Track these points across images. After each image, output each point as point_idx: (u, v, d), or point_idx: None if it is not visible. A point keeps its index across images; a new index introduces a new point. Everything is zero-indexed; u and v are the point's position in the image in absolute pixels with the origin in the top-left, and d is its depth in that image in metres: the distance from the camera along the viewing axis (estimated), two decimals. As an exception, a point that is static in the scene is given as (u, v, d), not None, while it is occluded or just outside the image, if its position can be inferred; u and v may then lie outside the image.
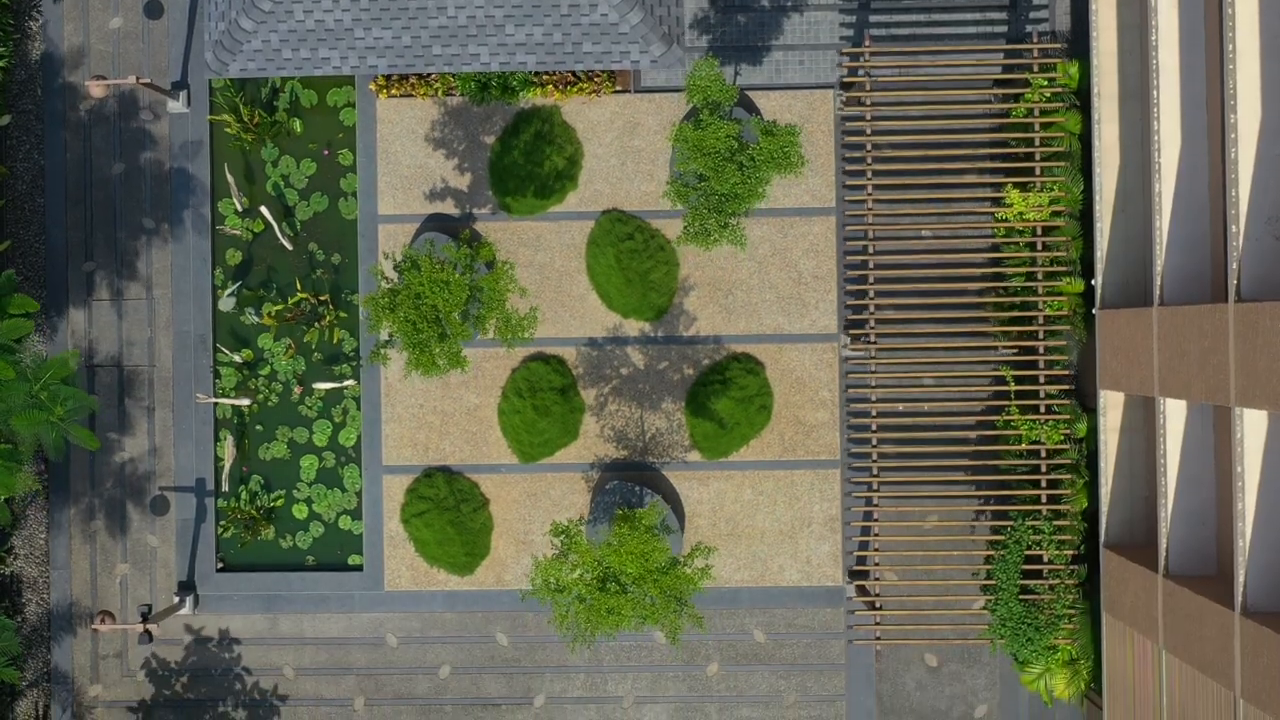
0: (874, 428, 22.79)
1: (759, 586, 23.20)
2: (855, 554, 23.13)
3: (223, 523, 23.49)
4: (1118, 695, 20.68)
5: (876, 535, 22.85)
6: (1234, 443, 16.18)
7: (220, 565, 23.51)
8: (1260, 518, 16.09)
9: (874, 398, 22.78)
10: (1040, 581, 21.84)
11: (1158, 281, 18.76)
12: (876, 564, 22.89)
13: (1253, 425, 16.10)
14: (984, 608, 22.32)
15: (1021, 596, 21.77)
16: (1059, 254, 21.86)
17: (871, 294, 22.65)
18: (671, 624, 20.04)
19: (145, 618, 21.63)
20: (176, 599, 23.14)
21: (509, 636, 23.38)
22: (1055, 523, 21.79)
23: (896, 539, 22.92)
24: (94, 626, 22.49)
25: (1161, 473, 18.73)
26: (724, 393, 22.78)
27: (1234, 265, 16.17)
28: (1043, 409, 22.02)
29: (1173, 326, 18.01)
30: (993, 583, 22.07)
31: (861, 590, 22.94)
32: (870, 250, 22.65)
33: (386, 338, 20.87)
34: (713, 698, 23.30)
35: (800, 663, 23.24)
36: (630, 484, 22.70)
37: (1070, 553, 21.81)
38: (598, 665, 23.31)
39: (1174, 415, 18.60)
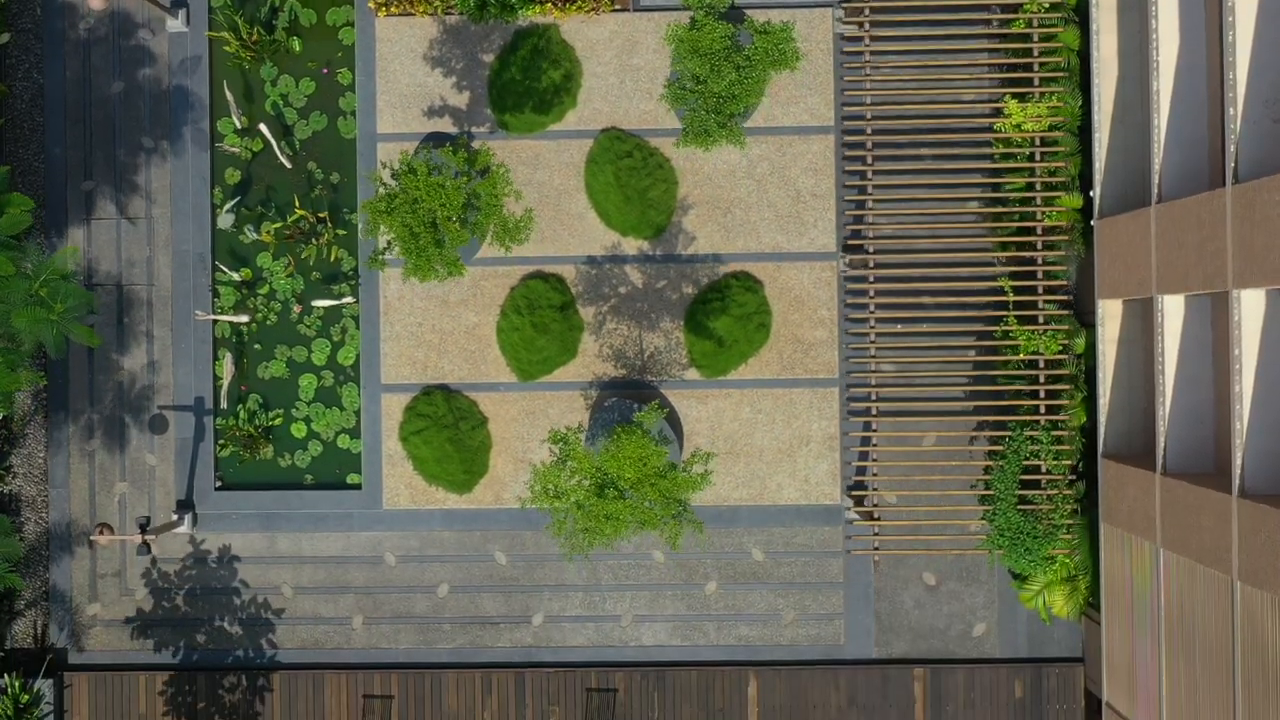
0: (872, 351, 22.78)
1: (757, 505, 23.19)
2: (854, 477, 23.11)
3: (221, 441, 23.49)
4: (1116, 605, 20.67)
5: (874, 459, 22.84)
6: (1231, 326, 16.17)
7: (219, 484, 23.51)
8: (1258, 401, 16.08)
9: (872, 321, 22.76)
10: (1038, 492, 21.84)
11: (1156, 180, 18.75)
12: (875, 489, 22.88)
13: (1250, 308, 16.09)
14: (982, 518, 22.32)
15: (1020, 507, 21.76)
16: (1057, 165, 21.85)
17: (869, 204, 22.66)
18: (670, 529, 20.04)
19: (143, 529, 21.63)
20: (175, 517, 23.15)
21: (507, 555, 23.38)
22: (1053, 433, 21.79)
23: (894, 464, 22.90)
24: (92, 538, 22.49)
25: (1160, 372, 18.72)
26: (722, 310, 22.78)
27: (1231, 149, 16.16)
28: (1041, 320, 22.02)
29: (1170, 221, 18.00)
30: (991, 493, 22.06)
31: (860, 506, 22.93)
32: (869, 161, 22.65)
33: (384, 245, 20.87)
34: (711, 616, 23.30)
35: (798, 581, 23.23)
36: (629, 402, 22.70)
37: (1068, 463, 21.82)
38: (596, 584, 23.30)
39: (1172, 314, 18.59)
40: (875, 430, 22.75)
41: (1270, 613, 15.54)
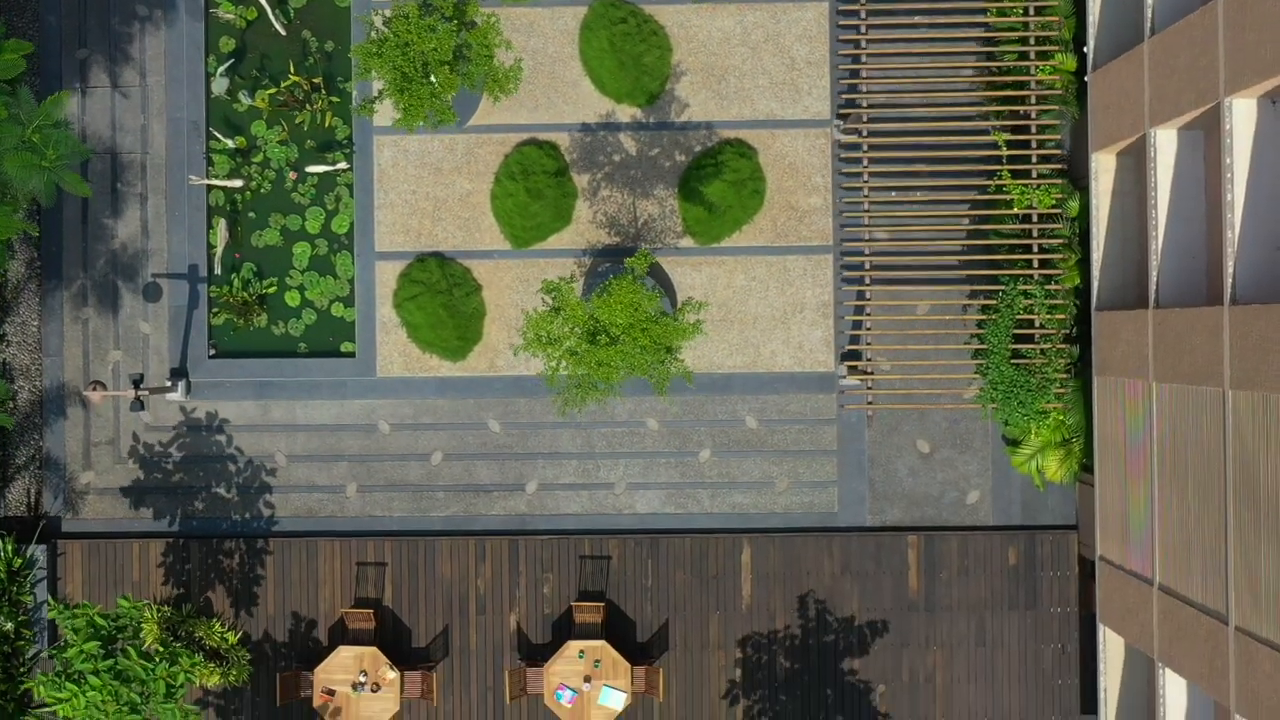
0: (866, 221, 22.76)
1: (751, 372, 23.18)
2: (848, 344, 23.09)
3: (215, 309, 23.48)
4: (1109, 457, 20.65)
5: (869, 326, 22.83)
6: (1223, 136, 16.16)
7: (212, 352, 23.50)
8: (1249, 210, 16.07)
9: (866, 191, 22.75)
10: (1032, 346, 21.83)
11: (1149, 16, 18.73)
12: (869, 356, 22.87)
13: (1241, 116, 16.08)
14: (976, 373, 22.30)
15: (1013, 361, 21.74)
16: (1051, 19, 21.84)
17: (863, 72, 22.65)
18: (660, 375, 20.05)
19: (137, 385, 21.61)
20: (169, 384, 23.14)
21: (501, 423, 23.36)
22: (1047, 288, 21.77)
23: (889, 331, 22.88)
24: (84, 393, 22.49)
25: (1152, 207, 18.71)
26: (716, 176, 22.77)
27: (1223, -41, 16.15)
28: (1034, 175, 22.01)
29: (1163, 49, 17.99)
30: (985, 347, 22.04)
31: (854, 371, 22.91)
32: (863, 31, 22.64)
33: (376, 94, 20.84)
34: (704, 484, 23.28)
35: (792, 449, 23.22)
36: (622, 269, 22.68)
37: (1061, 317, 21.80)
38: (590, 452, 23.29)
39: (1164, 149, 18.58)
40: (870, 298, 22.73)
41: (1261, 416, 15.52)
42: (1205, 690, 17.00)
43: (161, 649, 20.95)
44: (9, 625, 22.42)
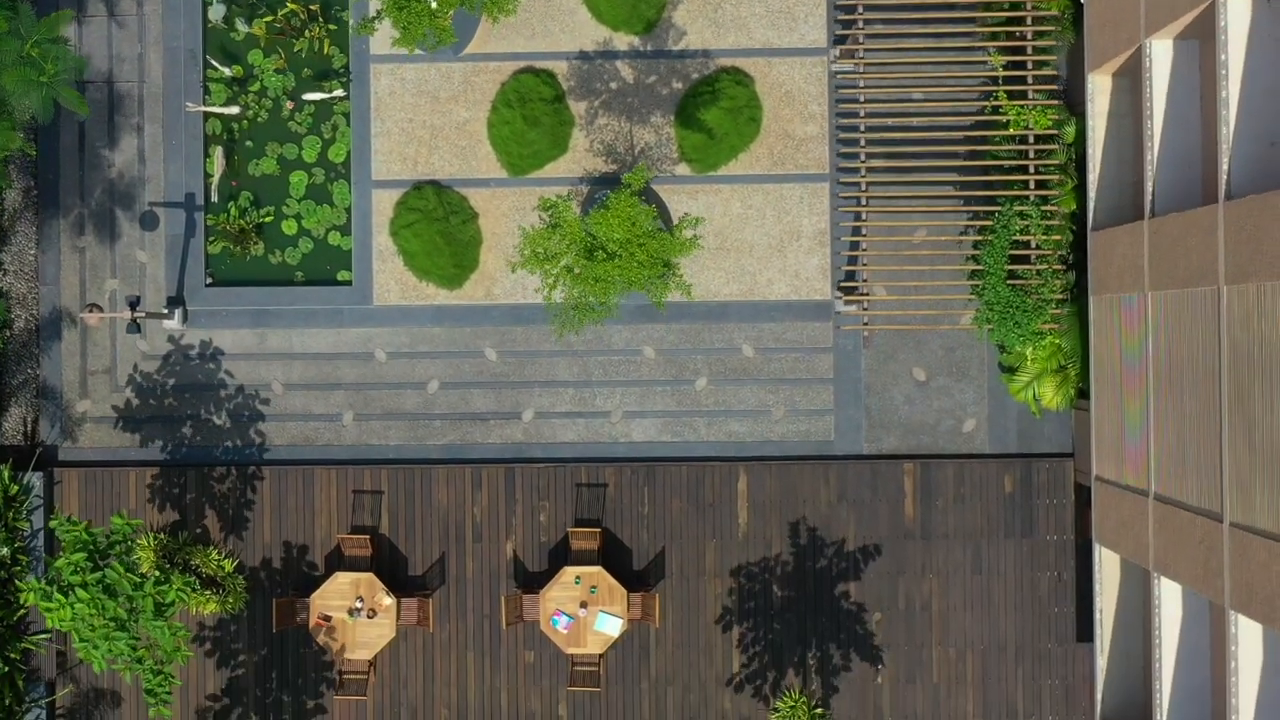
0: (862, 143, 22.80)
1: (747, 301, 23.20)
2: (844, 268, 23.10)
3: (212, 238, 23.49)
4: (1105, 375, 20.66)
5: (864, 251, 22.87)
6: (1218, 31, 16.19)
7: (209, 280, 23.52)
8: (1243, 107, 16.10)
9: (862, 113, 22.79)
10: (1028, 267, 21.86)
11: (1144, -73, 18.79)
12: (865, 280, 22.90)
13: (1237, 14, 16.11)
14: (972, 294, 22.32)
15: (1009, 282, 21.75)
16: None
17: (860, 9, 22.67)
18: (657, 289, 20.07)
19: (133, 307, 21.62)
20: (165, 310, 23.15)
21: (497, 352, 23.38)
22: (1043, 208, 21.80)
23: (884, 254, 22.91)
24: (81, 315, 22.50)
25: (1148, 117, 18.74)
26: (713, 103, 22.80)
27: None
28: (1030, 95, 22.04)
29: (1158, -43, 18.04)
30: (980, 268, 22.06)
31: (849, 294, 22.92)
32: (859, -45, 22.72)
33: (375, 13, 20.85)
34: (700, 412, 23.30)
35: (788, 377, 23.24)
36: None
37: (1057, 238, 21.83)
38: (586, 380, 23.31)
39: (1160, 59, 18.61)
40: (865, 218, 22.75)
41: (1254, 304, 15.55)
42: (1200, 591, 17.03)
43: (158, 573, 20.97)
44: (4, 550, 22.43)
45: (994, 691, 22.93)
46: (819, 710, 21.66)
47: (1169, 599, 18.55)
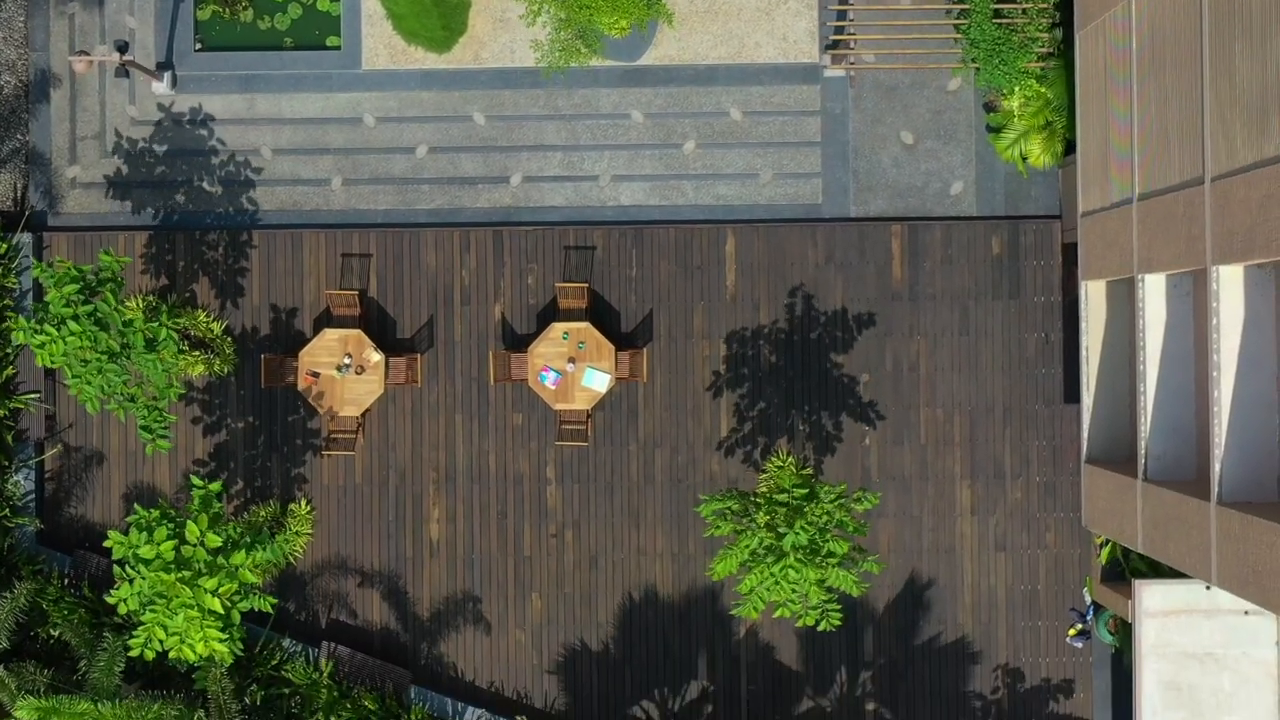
0: (851, -93, 22.88)
1: (735, 64, 23.23)
2: (832, 35, 23.13)
3: (201, 2, 23.52)
4: (1090, 96, 20.69)
5: (853, 18, 22.91)
6: None
7: (198, 45, 23.55)
8: None
9: (851, -118, 22.87)
10: (1014, 5, 21.87)
11: None
12: (854, 46, 22.94)
13: None
14: (958, 32, 22.31)
15: (995, 20, 21.75)
16: None
17: None
18: (641, 14, 20.11)
19: (122, 51, 21.63)
20: (154, 70, 23.18)
21: (486, 116, 23.40)
22: (1029, -54, 21.88)
23: (873, 8, 22.94)
24: (70, 60, 22.53)
25: None
26: None
27: None
28: None
29: None
30: (967, 7, 22.04)
31: (836, 51, 22.96)
32: None
33: None
34: (689, 175, 23.33)
35: (776, 140, 23.27)
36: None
37: (1045, -24, 21.88)
38: (574, 144, 23.33)
39: None
40: (853, -12, 22.82)
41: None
42: (1183, 265, 17.06)
43: (147, 311, 20.99)
44: (-6, 305, 22.46)
45: (981, 452, 22.96)
46: (807, 470, 21.68)
47: (1153, 300, 18.57)
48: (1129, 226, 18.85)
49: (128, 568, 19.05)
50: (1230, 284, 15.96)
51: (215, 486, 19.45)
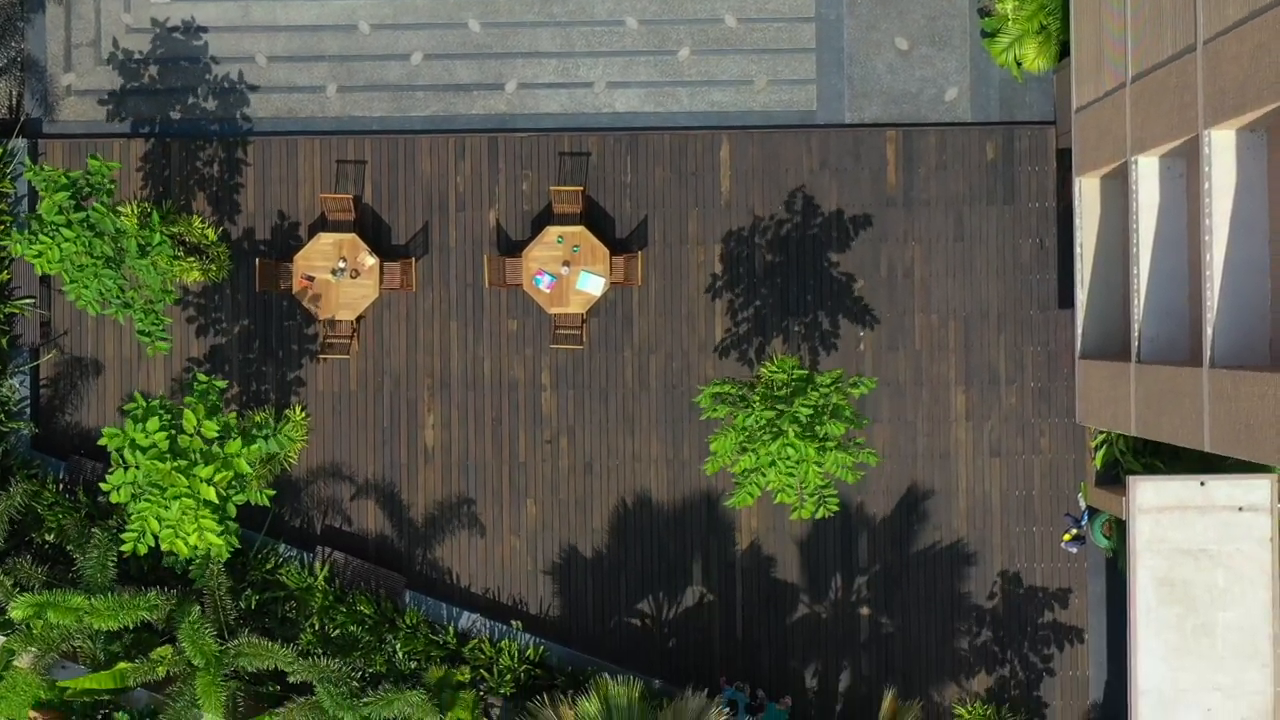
0: None
1: (730, -30, 23.26)
2: (826, -58, 23.19)
3: (196, -90, 23.57)
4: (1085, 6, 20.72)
5: (847, -76, 22.97)
6: None
7: (193, -47, 23.58)
8: None
9: None
10: (1008, -101, 21.94)
11: None
12: (847, -47, 23.00)
13: None
14: (951, -70, 22.37)
15: (989, -85, 21.81)
16: None
17: None
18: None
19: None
20: (149, -21, 23.24)
21: (480, 23, 23.41)
22: None
23: (867, -78, 23.03)
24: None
25: None
26: None
27: None
28: None
29: None
30: (960, -96, 22.12)
31: (831, -45, 23.02)
32: None
33: None
34: (683, 82, 23.34)
35: (770, 47, 23.27)
36: None
37: None
38: (569, 51, 23.34)
39: None
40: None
41: None
42: (1175, 136, 17.07)
43: (139, 219, 20.99)
44: (-11, 208, 22.45)
45: (976, 357, 22.98)
46: (802, 371, 21.67)
47: (1146, 183, 18.58)
48: (1122, 112, 18.86)
49: (124, 455, 19.02)
50: (1222, 149, 15.98)
51: (220, 383, 19.41)
